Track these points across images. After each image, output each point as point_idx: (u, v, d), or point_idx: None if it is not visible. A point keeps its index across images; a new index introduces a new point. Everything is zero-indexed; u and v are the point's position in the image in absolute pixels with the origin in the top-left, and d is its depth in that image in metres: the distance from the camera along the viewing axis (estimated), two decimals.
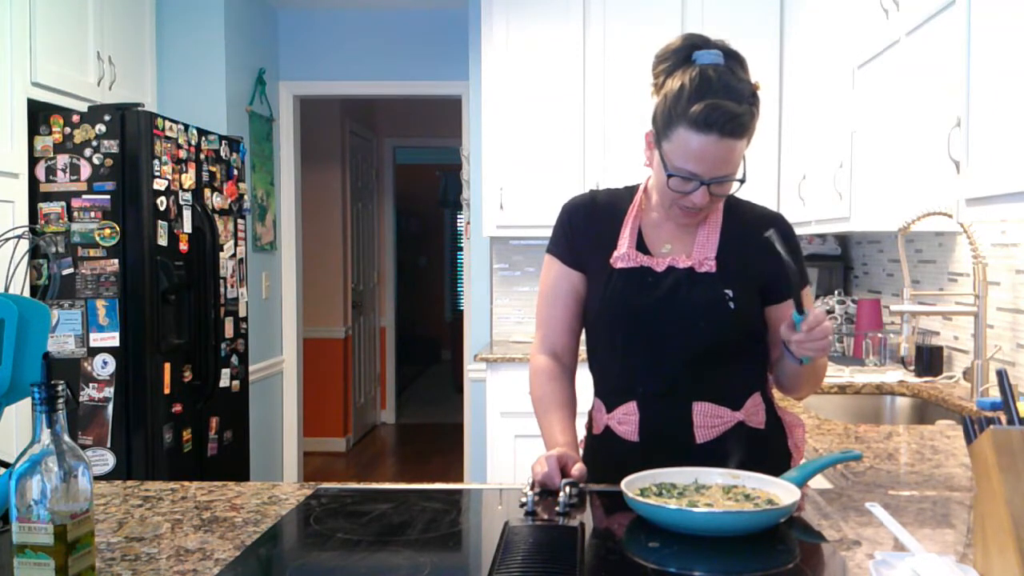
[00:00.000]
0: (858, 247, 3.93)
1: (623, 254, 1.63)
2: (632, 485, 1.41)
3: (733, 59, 1.56)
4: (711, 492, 1.41)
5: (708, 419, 1.59)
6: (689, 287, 1.59)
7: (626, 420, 1.62)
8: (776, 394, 1.75)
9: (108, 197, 3.17)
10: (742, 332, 1.60)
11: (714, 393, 1.59)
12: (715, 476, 1.46)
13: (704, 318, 1.57)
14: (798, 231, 1.96)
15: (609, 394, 1.67)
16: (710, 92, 1.48)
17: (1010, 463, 1.05)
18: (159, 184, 3.24)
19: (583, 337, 1.75)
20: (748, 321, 1.60)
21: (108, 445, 3.16)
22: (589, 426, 1.75)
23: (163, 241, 3.26)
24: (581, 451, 1.75)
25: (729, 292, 1.58)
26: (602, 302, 1.63)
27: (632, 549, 1.28)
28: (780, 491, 1.40)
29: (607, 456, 1.66)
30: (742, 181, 1.54)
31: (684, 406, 1.59)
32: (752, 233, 1.62)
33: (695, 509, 1.31)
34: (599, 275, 1.65)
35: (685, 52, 1.56)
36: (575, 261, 1.70)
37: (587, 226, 1.70)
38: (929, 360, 2.94)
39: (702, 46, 1.56)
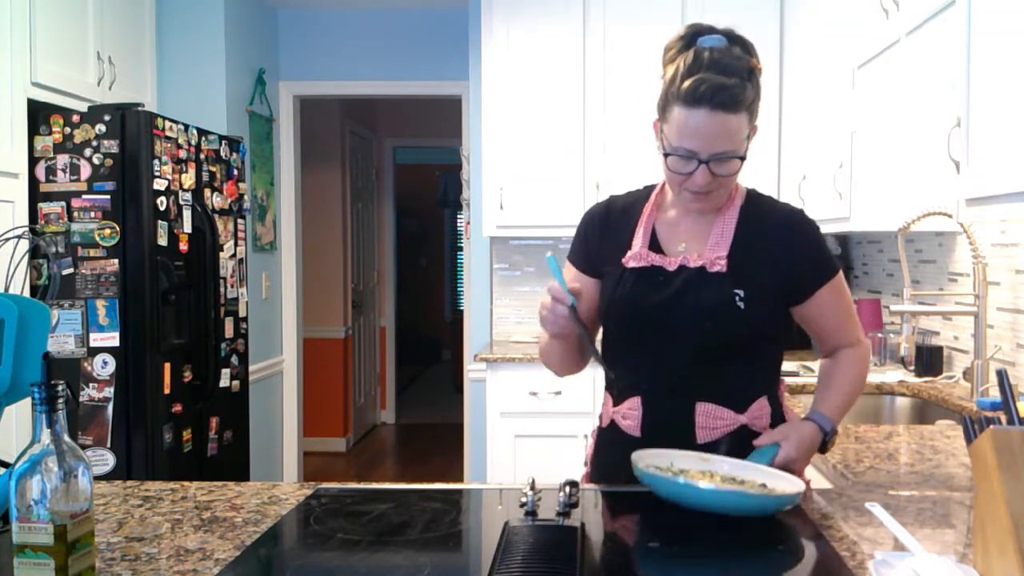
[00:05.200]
0: (858, 247, 3.93)
1: (635, 253, 1.63)
2: (641, 459, 1.47)
3: (736, 42, 1.57)
4: (697, 476, 1.44)
5: (710, 420, 1.59)
6: (699, 287, 1.58)
7: (630, 415, 1.63)
8: (786, 396, 1.75)
9: (108, 197, 3.17)
10: (751, 333, 1.59)
11: (718, 394, 1.59)
12: (691, 460, 1.50)
13: (711, 318, 1.56)
14: None
15: (616, 389, 1.68)
16: (701, 69, 1.50)
17: (1010, 463, 1.05)
18: (159, 184, 3.24)
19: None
20: (758, 322, 1.58)
21: (108, 445, 3.16)
22: (601, 419, 1.76)
23: (163, 241, 3.26)
24: (592, 443, 1.77)
25: (740, 292, 1.56)
26: (613, 300, 1.64)
27: (632, 549, 1.29)
28: (768, 478, 1.45)
29: (611, 449, 1.68)
30: (742, 159, 1.54)
31: (687, 405, 1.59)
32: (770, 232, 1.62)
33: (717, 487, 1.36)
34: (612, 275, 1.66)
35: (689, 39, 1.58)
36: (590, 267, 1.71)
37: (602, 232, 1.71)
38: (929, 360, 2.94)
39: (706, 33, 1.57)
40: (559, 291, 1.50)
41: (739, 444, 1.58)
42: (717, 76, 1.49)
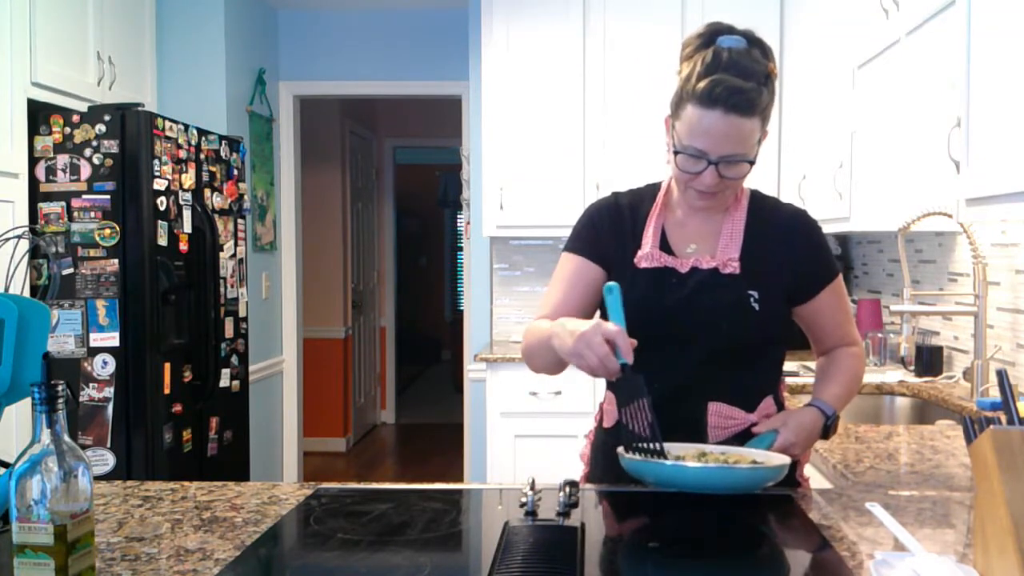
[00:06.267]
0: (858, 247, 3.93)
1: (647, 254, 1.62)
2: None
3: (755, 45, 1.56)
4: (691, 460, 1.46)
5: (722, 419, 1.59)
6: (713, 288, 1.58)
7: None
8: (786, 396, 1.75)
9: (108, 197, 3.17)
10: (763, 334, 1.60)
11: (730, 394, 1.59)
12: (686, 448, 1.51)
13: (727, 319, 1.56)
14: None
15: None
16: (719, 70, 1.49)
17: (1010, 463, 1.05)
18: (159, 184, 3.24)
19: None
20: (770, 323, 1.59)
21: (108, 445, 3.16)
22: (600, 419, 1.75)
23: (163, 241, 3.26)
24: (590, 444, 1.76)
25: (754, 293, 1.57)
26: (626, 301, 1.59)
27: (632, 549, 1.29)
28: (758, 456, 1.47)
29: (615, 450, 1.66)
30: (752, 163, 1.54)
31: (699, 405, 1.59)
32: (777, 232, 1.63)
33: (704, 465, 1.36)
34: (622, 275, 1.63)
35: (708, 37, 1.57)
36: (599, 258, 1.67)
37: (611, 227, 1.68)
38: (929, 360, 2.94)
39: (726, 32, 1.56)
40: (626, 344, 1.37)
41: (742, 442, 1.58)
42: (734, 78, 1.48)
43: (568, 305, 1.65)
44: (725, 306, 1.57)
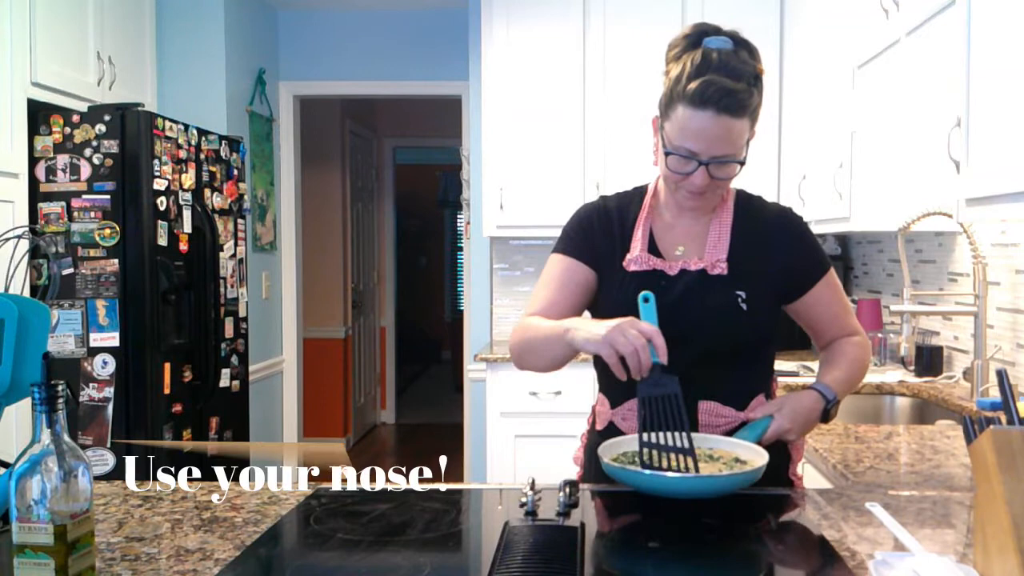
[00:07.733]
0: (858, 247, 3.93)
1: (635, 257, 1.62)
2: (607, 452, 1.47)
3: (742, 46, 1.56)
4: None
5: (713, 418, 1.59)
6: (702, 290, 1.58)
7: (631, 416, 1.62)
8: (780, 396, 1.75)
9: (108, 197, 3.17)
10: (753, 334, 1.60)
11: (721, 393, 1.60)
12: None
13: (717, 321, 1.57)
14: None
15: (614, 390, 1.66)
16: (709, 71, 1.49)
17: (1010, 463, 1.05)
18: (159, 184, 3.24)
19: None
20: (760, 323, 1.60)
21: (108, 445, 3.16)
22: (592, 421, 1.75)
23: (163, 241, 3.26)
24: (583, 446, 1.76)
25: (741, 294, 1.57)
26: (615, 305, 1.60)
27: (632, 549, 1.29)
28: (742, 450, 1.47)
29: None
30: (742, 163, 1.54)
31: (690, 405, 1.59)
32: (765, 231, 1.63)
33: (681, 474, 1.36)
34: (612, 278, 1.64)
35: (695, 38, 1.57)
36: (590, 259, 1.67)
37: (601, 229, 1.68)
38: (929, 360, 2.94)
39: (712, 33, 1.56)
40: (663, 344, 1.39)
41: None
42: (725, 79, 1.48)
43: (559, 304, 1.65)
44: (714, 307, 1.57)
